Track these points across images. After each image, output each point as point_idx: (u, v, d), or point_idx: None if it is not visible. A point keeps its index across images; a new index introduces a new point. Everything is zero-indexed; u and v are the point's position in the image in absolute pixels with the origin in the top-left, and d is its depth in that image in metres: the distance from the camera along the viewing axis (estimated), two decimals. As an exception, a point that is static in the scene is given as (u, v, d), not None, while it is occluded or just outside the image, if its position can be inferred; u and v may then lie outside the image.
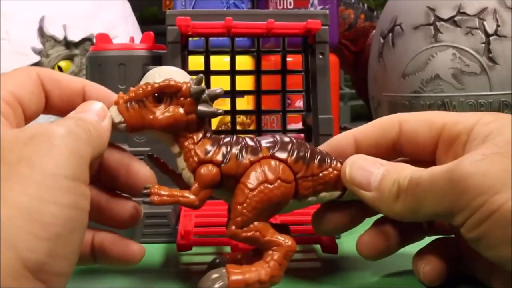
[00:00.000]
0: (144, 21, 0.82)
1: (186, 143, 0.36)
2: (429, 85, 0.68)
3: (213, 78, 0.59)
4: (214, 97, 0.36)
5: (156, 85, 0.36)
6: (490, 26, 0.67)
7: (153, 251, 0.46)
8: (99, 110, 0.35)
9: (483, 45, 0.67)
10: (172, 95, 0.36)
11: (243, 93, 0.64)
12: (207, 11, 0.51)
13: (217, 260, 0.39)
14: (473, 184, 0.32)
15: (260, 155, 0.36)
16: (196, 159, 0.36)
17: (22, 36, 0.66)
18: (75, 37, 0.68)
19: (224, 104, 0.66)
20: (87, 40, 0.69)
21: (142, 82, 0.37)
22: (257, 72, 0.60)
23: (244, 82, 0.66)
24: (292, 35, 0.53)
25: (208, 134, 0.37)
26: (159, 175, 0.38)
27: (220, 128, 0.71)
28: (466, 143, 0.36)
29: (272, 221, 0.46)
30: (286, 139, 0.38)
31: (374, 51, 0.76)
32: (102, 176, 0.37)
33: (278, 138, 0.38)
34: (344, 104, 1.06)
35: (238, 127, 0.75)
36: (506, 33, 0.67)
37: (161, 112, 0.36)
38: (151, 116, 0.35)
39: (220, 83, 0.59)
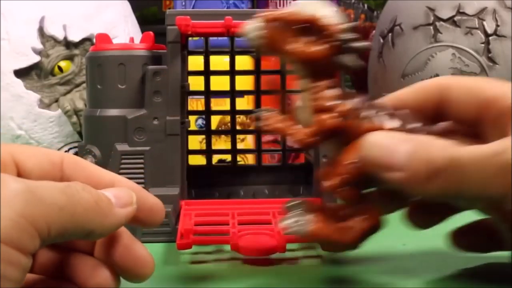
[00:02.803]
0: (144, 21, 0.82)
1: (316, 84, 0.35)
2: (429, 85, 0.68)
3: (212, 78, 0.59)
4: (360, 50, 0.34)
5: (309, 16, 0.34)
6: (489, 26, 0.67)
7: (152, 250, 0.45)
8: (123, 195, 0.31)
9: (483, 45, 0.67)
10: (321, 31, 0.34)
11: (243, 93, 0.64)
12: (206, 11, 0.51)
13: (292, 203, 0.37)
14: None
15: (387, 126, 0.34)
16: (321, 103, 0.34)
17: (22, 36, 0.66)
18: (75, 37, 0.68)
19: (224, 104, 0.67)
20: (87, 40, 0.69)
21: (292, 8, 0.35)
22: (257, 72, 0.60)
23: (245, 82, 0.66)
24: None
25: (340, 85, 0.35)
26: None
27: (220, 128, 0.71)
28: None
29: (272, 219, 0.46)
30: (417, 122, 0.36)
31: (374, 51, 0.76)
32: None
33: (409, 116, 0.36)
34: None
35: (238, 127, 0.75)
36: (506, 33, 0.67)
37: (304, 44, 0.34)
38: (293, 44, 0.34)
39: (219, 83, 0.60)
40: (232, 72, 0.59)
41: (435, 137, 0.33)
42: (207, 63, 0.58)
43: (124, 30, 0.71)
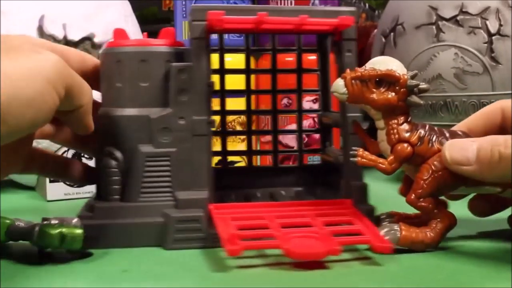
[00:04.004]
0: (144, 21, 0.79)
1: (391, 122, 0.44)
2: (431, 84, 0.68)
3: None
4: (422, 91, 0.44)
5: (381, 72, 0.43)
6: (492, 26, 0.67)
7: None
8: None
9: (486, 44, 0.67)
10: (391, 83, 0.43)
11: (258, 92, 0.62)
12: (233, 6, 0.49)
13: (383, 216, 0.47)
14: None
15: None
16: (396, 136, 0.44)
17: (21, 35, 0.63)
18: (74, 36, 0.66)
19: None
20: (87, 39, 0.66)
21: (368, 66, 0.44)
22: (273, 71, 0.58)
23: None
24: (321, 32, 0.52)
25: (409, 119, 0.44)
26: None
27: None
28: None
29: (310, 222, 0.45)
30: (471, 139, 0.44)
31: (375, 50, 0.75)
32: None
33: (463, 136, 0.45)
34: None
35: (238, 127, 0.73)
36: (509, 33, 0.67)
37: (379, 94, 0.43)
38: (370, 95, 0.43)
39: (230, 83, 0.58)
40: (247, 71, 0.57)
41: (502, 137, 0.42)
42: (222, 61, 0.56)
43: (124, 29, 0.69)
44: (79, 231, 0.42)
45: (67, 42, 0.65)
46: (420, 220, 0.46)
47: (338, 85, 0.44)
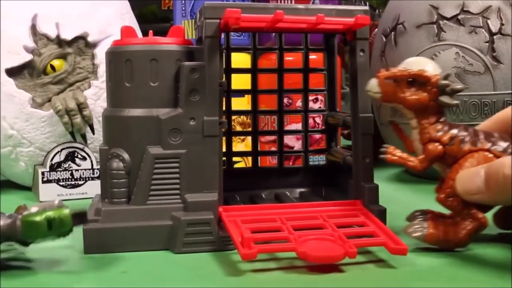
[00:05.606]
0: (144, 20, 0.78)
1: (423, 121, 0.45)
2: (432, 84, 0.67)
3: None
4: (455, 92, 0.44)
5: (413, 72, 0.44)
6: (494, 25, 0.67)
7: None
8: None
9: (487, 44, 0.67)
10: (422, 83, 0.44)
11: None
12: (248, 4, 0.48)
13: (417, 213, 0.47)
14: None
15: (479, 146, 0.44)
16: (428, 136, 0.45)
17: (14, 34, 0.63)
18: (68, 35, 0.64)
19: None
20: (80, 38, 0.65)
21: (401, 66, 0.45)
22: (279, 70, 0.57)
23: (245, 81, 0.63)
24: (334, 31, 0.51)
25: (442, 119, 0.45)
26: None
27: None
28: None
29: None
30: (505, 141, 0.45)
31: (376, 50, 0.75)
32: None
33: (498, 137, 0.45)
34: (345, 103, 1.05)
35: (238, 127, 0.72)
36: (510, 32, 0.67)
37: (411, 94, 0.44)
38: (402, 95, 0.44)
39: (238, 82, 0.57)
40: (253, 71, 0.57)
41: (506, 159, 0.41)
42: (229, 61, 0.56)
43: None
44: (66, 211, 0.39)
45: (60, 41, 0.64)
46: (454, 220, 0.46)
47: (372, 84, 0.45)
